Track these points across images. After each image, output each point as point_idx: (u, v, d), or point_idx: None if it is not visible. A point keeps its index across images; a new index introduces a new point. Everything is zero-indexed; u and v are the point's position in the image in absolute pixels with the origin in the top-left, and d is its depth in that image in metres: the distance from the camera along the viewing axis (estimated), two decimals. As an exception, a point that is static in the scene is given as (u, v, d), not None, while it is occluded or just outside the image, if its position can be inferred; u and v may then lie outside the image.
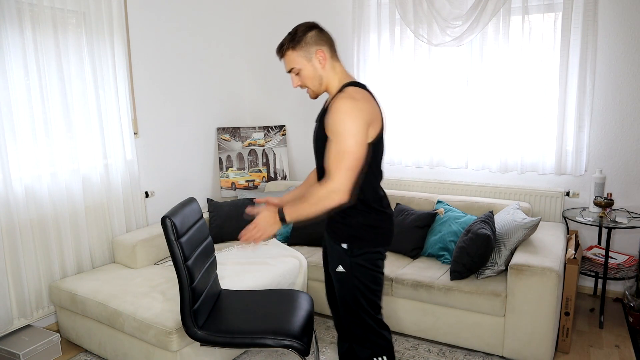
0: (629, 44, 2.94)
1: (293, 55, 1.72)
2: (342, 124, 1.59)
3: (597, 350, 2.61)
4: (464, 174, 3.55)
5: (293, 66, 1.75)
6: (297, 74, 1.76)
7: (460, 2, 3.24)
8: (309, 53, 1.71)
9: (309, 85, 1.77)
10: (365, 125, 1.62)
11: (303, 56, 1.72)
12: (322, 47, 1.72)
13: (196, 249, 2.02)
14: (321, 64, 1.73)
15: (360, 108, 1.62)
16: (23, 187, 2.63)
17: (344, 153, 1.58)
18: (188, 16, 3.70)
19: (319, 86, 1.77)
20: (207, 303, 2.04)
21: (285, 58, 1.75)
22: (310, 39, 1.71)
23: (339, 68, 1.78)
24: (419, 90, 3.51)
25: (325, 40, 1.74)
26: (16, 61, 2.57)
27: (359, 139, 1.59)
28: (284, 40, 1.74)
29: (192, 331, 1.92)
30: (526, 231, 2.56)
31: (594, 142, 3.13)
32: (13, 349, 2.48)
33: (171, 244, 1.86)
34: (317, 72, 1.74)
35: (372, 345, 1.83)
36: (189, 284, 1.88)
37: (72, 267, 2.87)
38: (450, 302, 2.56)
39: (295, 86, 1.80)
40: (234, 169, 4.05)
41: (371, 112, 1.66)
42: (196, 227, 2.08)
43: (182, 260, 1.87)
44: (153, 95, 3.46)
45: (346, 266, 1.76)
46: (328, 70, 1.75)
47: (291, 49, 1.72)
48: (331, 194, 1.59)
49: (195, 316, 1.92)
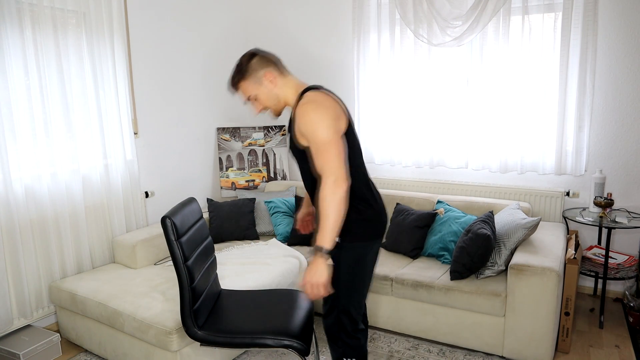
0: (629, 44, 2.94)
1: (244, 85, 1.82)
2: (312, 124, 1.65)
3: (597, 350, 2.61)
4: (464, 174, 3.55)
5: (249, 94, 1.83)
6: (255, 100, 1.84)
7: (460, 2, 3.24)
8: (258, 78, 1.80)
9: (269, 106, 1.85)
10: (334, 118, 1.67)
11: (254, 82, 1.81)
12: (268, 69, 1.81)
13: (196, 249, 2.02)
14: (272, 84, 1.81)
15: (323, 106, 1.68)
16: (23, 187, 2.63)
17: (324, 145, 1.63)
18: (188, 16, 3.70)
19: (278, 104, 1.85)
20: (207, 303, 2.04)
21: (239, 90, 1.84)
22: (255, 65, 1.80)
23: (291, 81, 1.85)
24: (419, 90, 3.51)
25: (269, 61, 1.82)
26: (16, 61, 2.57)
27: (333, 129, 1.65)
28: (232, 75, 1.83)
29: (192, 331, 1.92)
30: (526, 231, 2.56)
31: (594, 142, 3.13)
32: (13, 349, 2.48)
33: (171, 244, 1.86)
34: (271, 92, 1.82)
35: (343, 344, 1.87)
36: (189, 284, 1.88)
37: (72, 267, 2.87)
38: (450, 302, 2.56)
39: (258, 112, 1.88)
40: (234, 169, 4.05)
41: (334, 108, 1.71)
42: (196, 227, 2.08)
43: (182, 260, 1.87)
44: (153, 95, 3.46)
45: (335, 259, 1.77)
46: (281, 87, 1.82)
47: (241, 80, 1.82)
48: (333, 187, 1.61)
49: (195, 316, 1.92)
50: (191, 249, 1.96)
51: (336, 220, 1.62)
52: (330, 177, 1.61)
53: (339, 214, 1.62)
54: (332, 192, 1.61)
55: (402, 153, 3.67)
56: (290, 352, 2.07)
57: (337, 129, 1.66)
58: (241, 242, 3.40)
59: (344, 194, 1.62)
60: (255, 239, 3.46)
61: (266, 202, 3.55)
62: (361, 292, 1.88)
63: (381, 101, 3.67)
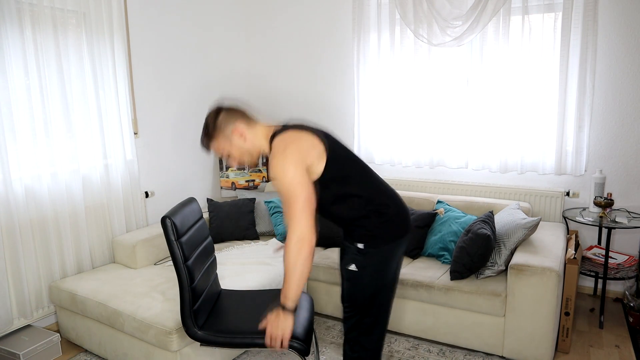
0: (629, 44, 2.94)
1: (215, 144, 1.82)
2: (279, 178, 1.65)
3: (597, 350, 2.61)
4: (464, 174, 3.55)
5: (221, 153, 1.83)
6: (229, 157, 1.85)
7: (460, 2, 3.24)
8: (227, 136, 1.79)
9: (244, 159, 1.85)
10: (300, 165, 1.66)
11: (223, 141, 1.80)
12: (235, 124, 1.79)
13: (196, 249, 2.02)
14: (242, 138, 1.80)
15: (287, 154, 1.67)
16: (23, 187, 2.63)
17: (290, 199, 1.63)
18: (188, 16, 3.70)
19: (252, 156, 1.85)
20: (207, 303, 2.04)
21: (212, 149, 1.85)
22: (221, 123, 1.79)
23: (260, 130, 1.83)
24: (419, 90, 3.51)
25: (235, 115, 1.81)
26: (16, 61, 2.57)
27: (298, 181, 1.64)
28: (202, 136, 1.83)
29: (192, 331, 1.92)
30: (526, 231, 2.56)
31: (594, 142, 3.13)
32: (13, 349, 2.48)
33: (171, 244, 1.86)
34: (242, 148, 1.81)
35: (360, 348, 1.86)
36: (189, 284, 1.88)
37: (72, 267, 2.87)
38: (450, 302, 2.55)
39: (234, 165, 1.88)
40: (234, 169, 4.05)
41: (298, 150, 1.69)
42: (196, 227, 2.08)
43: (182, 260, 1.87)
44: (153, 95, 3.46)
45: (359, 264, 1.78)
46: (251, 140, 1.82)
47: (211, 141, 1.81)
48: (298, 244, 1.62)
49: (195, 316, 1.92)
50: (191, 249, 1.96)
51: (300, 278, 1.64)
52: (294, 236, 1.62)
53: (302, 274, 1.64)
54: (296, 250, 1.62)
55: (402, 153, 3.67)
56: (291, 352, 2.07)
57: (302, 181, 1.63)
58: (241, 242, 3.39)
59: (308, 253, 1.63)
60: (255, 239, 3.46)
61: (266, 202, 3.55)
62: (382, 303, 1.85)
63: (381, 101, 3.66)
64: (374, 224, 1.77)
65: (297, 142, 1.71)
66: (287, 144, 1.70)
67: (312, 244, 1.63)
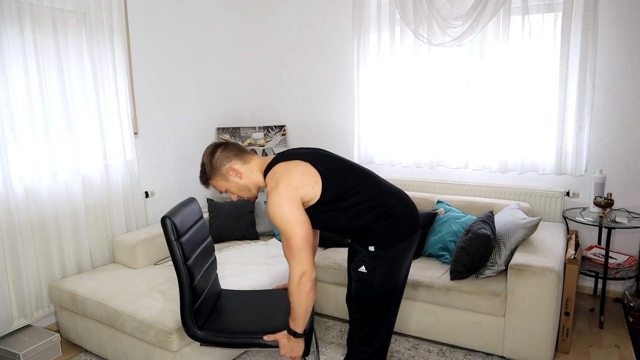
0: (629, 44, 2.94)
1: (214, 182, 1.88)
2: (275, 219, 1.69)
3: (597, 350, 2.61)
4: (464, 174, 3.55)
5: (221, 190, 1.90)
6: (230, 193, 1.91)
7: (460, 2, 3.24)
8: (223, 174, 1.85)
9: (243, 195, 1.91)
10: (294, 201, 1.69)
11: (221, 179, 1.86)
12: (231, 164, 1.84)
13: (196, 249, 2.02)
14: (238, 176, 1.85)
15: (280, 191, 1.70)
16: (23, 187, 2.63)
17: (289, 239, 1.69)
18: (188, 16, 3.70)
19: (251, 192, 1.90)
20: (207, 303, 2.04)
21: (212, 187, 1.91)
22: (217, 163, 1.84)
23: (255, 165, 1.88)
24: (419, 90, 3.51)
25: (230, 153, 1.86)
26: (16, 61, 2.57)
27: (294, 220, 1.68)
28: (200, 175, 1.90)
29: (192, 331, 1.92)
30: (526, 231, 2.56)
31: (594, 142, 3.13)
32: (13, 349, 2.48)
33: (171, 244, 1.86)
34: (239, 185, 1.87)
35: (366, 349, 1.88)
36: (189, 284, 1.88)
37: (72, 267, 2.87)
38: (450, 302, 2.55)
39: (237, 199, 1.94)
40: (234, 169, 4.05)
41: (292, 180, 1.72)
42: (196, 227, 2.08)
43: (182, 260, 1.87)
44: (153, 95, 3.46)
45: (369, 267, 1.79)
46: (248, 176, 1.86)
47: (209, 180, 1.88)
48: (301, 280, 1.69)
49: (195, 316, 1.92)
50: (191, 249, 1.96)
51: (306, 311, 1.73)
52: (296, 274, 1.68)
53: (307, 307, 1.72)
54: (298, 290, 1.69)
55: (402, 153, 3.67)
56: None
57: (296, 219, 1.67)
58: (241, 242, 3.40)
59: (310, 288, 1.70)
60: (255, 239, 3.46)
61: (266, 202, 3.55)
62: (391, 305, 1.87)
63: (381, 101, 3.66)
64: (383, 226, 1.77)
65: (287, 174, 1.74)
66: (278, 180, 1.73)
67: (312, 278, 1.70)
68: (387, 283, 1.81)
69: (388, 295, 1.83)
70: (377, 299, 1.82)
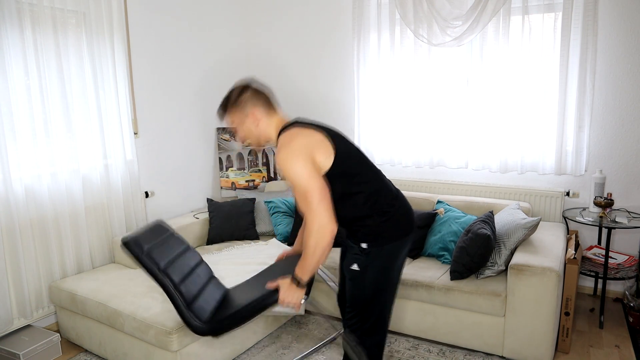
0: (629, 44, 2.94)
1: (231, 115, 1.87)
2: (288, 172, 1.68)
3: (597, 350, 2.61)
4: (464, 174, 3.55)
5: (232, 125, 1.89)
6: (236, 131, 1.89)
7: (460, 2, 3.24)
8: (243, 115, 1.84)
9: (250, 140, 1.89)
10: (307, 159, 1.68)
11: (238, 117, 1.85)
12: (254, 109, 1.83)
13: (171, 254, 2.01)
14: (254, 124, 1.84)
15: (293, 149, 1.69)
16: (23, 187, 2.63)
17: (305, 193, 1.65)
18: (188, 16, 3.70)
19: (259, 140, 1.89)
20: (207, 299, 2.00)
21: (225, 118, 1.90)
22: (243, 102, 1.83)
23: (274, 121, 1.86)
24: (419, 90, 3.51)
25: (258, 99, 1.84)
26: (16, 61, 2.57)
27: (308, 174, 1.66)
28: (222, 102, 1.87)
29: (194, 326, 1.87)
30: (526, 231, 2.56)
31: (594, 142, 3.13)
32: (13, 349, 2.48)
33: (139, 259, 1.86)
34: (252, 132, 1.86)
35: (364, 348, 1.86)
36: (173, 286, 1.87)
37: (72, 267, 2.87)
38: (450, 302, 2.56)
39: (240, 141, 1.93)
40: (234, 169, 4.05)
41: (305, 145, 1.71)
42: (164, 238, 2.07)
43: (157, 268, 1.87)
44: (153, 95, 3.46)
45: (361, 265, 1.79)
46: (263, 128, 1.85)
47: (227, 111, 1.86)
48: (319, 232, 1.65)
49: (197, 313, 1.89)
50: (164, 256, 1.95)
51: (318, 263, 1.70)
52: (315, 224, 1.65)
53: (320, 258, 1.69)
54: (315, 241, 1.66)
55: (402, 153, 3.67)
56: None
57: (311, 174, 1.66)
58: (241, 242, 3.39)
59: (328, 242, 1.66)
60: (255, 239, 3.46)
61: (266, 202, 3.55)
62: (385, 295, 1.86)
63: (381, 101, 3.66)
64: (377, 223, 1.77)
65: (302, 136, 1.73)
66: (293, 138, 1.73)
67: (333, 232, 1.66)
68: (379, 282, 1.81)
69: (381, 294, 1.83)
70: (370, 298, 1.81)
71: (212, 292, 2.07)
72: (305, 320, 2.99)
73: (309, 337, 2.79)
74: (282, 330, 2.87)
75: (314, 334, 2.82)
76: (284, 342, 2.74)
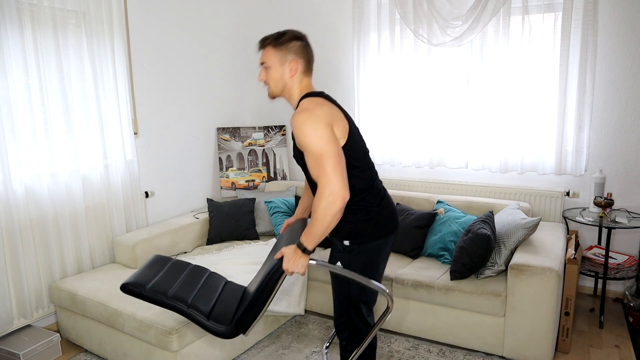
0: (629, 44, 2.94)
1: (270, 52, 1.80)
2: (306, 134, 1.64)
3: (597, 350, 2.61)
4: (464, 174, 3.55)
5: (266, 60, 1.82)
6: (265, 70, 1.84)
7: (460, 2, 3.24)
8: (285, 58, 1.79)
9: (272, 85, 1.84)
10: (328, 126, 1.66)
11: (278, 58, 1.79)
12: (298, 59, 1.80)
13: (176, 280, 1.98)
14: (290, 73, 1.80)
15: (315, 115, 1.67)
16: (23, 187, 2.63)
17: (321, 157, 1.62)
18: (188, 16, 3.70)
19: (280, 90, 1.85)
20: (226, 303, 1.96)
21: (264, 52, 1.83)
22: (291, 48, 1.78)
23: (305, 83, 1.84)
24: (419, 90, 3.51)
25: (304, 54, 1.81)
26: (16, 61, 2.57)
27: (327, 138, 1.63)
28: (269, 36, 1.81)
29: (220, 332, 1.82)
30: (526, 231, 2.56)
31: (594, 142, 3.13)
32: (13, 349, 2.48)
33: (142, 297, 1.84)
34: (283, 78, 1.81)
35: (354, 347, 1.88)
36: (186, 306, 1.84)
37: (72, 267, 2.87)
38: (450, 302, 2.55)
39: (260, 80, 1.88)
40: (234, 169, 4.05)
41: (329, 114, 1.70)
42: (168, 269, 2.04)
43: (164, 297, 1.84)
44: (153, 95, 3.46)
45: (344, 262, 1.78)
46: (294, 81, 1.82)
47: (271, 46, 1.80)
48: (330, 198, 1.60)
49: (217, 320, 1.84)
50: (170, 284, 1.93)
51: (325, 230, 1.65)
52: (325, 191, 1.60)
53: (328, 226, 1.64)
54: (326, 207, 1.61)
55: (402, 153, 3.67)
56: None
57: (331, 139, 1.64)
58: (241, 242, 3.40)
59: (338, 209, 1.62)
60: (255, 239, 3.46)
61: (266, 202, 3.55)
62: (369, 294, 1.87)
63: (381, 101, 3.66)
64: (359, 221, 1.77)
65: (327, 107, 1.72)
66: (318, 105, 1.71)
67: (345, 200, 1.61)
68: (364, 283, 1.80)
69: (366, 291, 1.83)
70: (356, 295, 1.82)
71: (230, 296, 2.02)
72: (305, 320, 2.99)
73: (309, 337, 2.79)
74: (282, 330, 2.87)
75: (314, 334, 2.82)
76: (284, 342, 2.74)
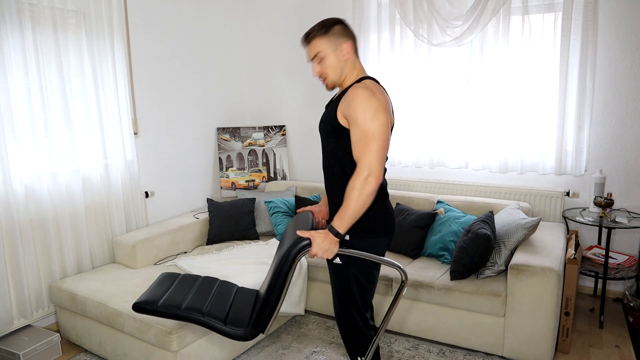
0: (629, 44, 2.94)
1: (320, 42, 1.75)
2: (362, 109, 1.62)
3: (597, 350, 2.61)
4: (464, 174, 3.55)
5: (318, 51, 1.76)
6: (319, 62, 1.78)
7: (460, 2, 3.24)
8: (336, 44, 1.75)
9: (330, 73, 1.79)
10: (386, 112, 1.66)
11: (330, 45, 1.75)
12: (347, 40, 1.77)
13: (188, 293, 1.98)
14: (345, 57, 1.77)
15: (377, 97, 1.66)
16: (23, 187, 2.63)
17: (369, 136, 1.61)
18: (188, 16, 3.70)
19: (339, 77, 1.80)
20: (241, 307, 1.96)
21: (311, 45, 1.78)
22: (337, 31, 1.76)
23: (358, 64, 1.82)
24: (419, 90, 3.51)
25: (351, 34, 1.79)
26: (16, 61, 2.57)
27: (382, 121, 1.63)
28: (313, 28, 1.77)
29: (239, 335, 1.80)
30: (526, 231, 2.56)
31: (594, 142, 3.13)
32: (13, 349, 2.48)
33: (155, 312, 1.84)
34: (339, 63, 1.77)
35: (356, 344, 1.89)
36: (201, 314, 1.84)
37: (72, 267, 2.87)
38: (450, 302, 2.55)
39: (315, 74, 1.82)
40: (234, 169, 4.05)
41: (387, 103, 1.71)
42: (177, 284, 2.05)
43: (177, 310, 1.84)
44: (153, 95, 3.46)
45: (343, 258, 1.79)
46: (349, 64, 1.79)
47: (319, 37, 1.75)
48: (364, 182, 1.60)
49: (234, 323, 1.84)
50: (181, 297, 1.93)
51: (358, 213, 1.64)
52: (364, 171, 1.60)
53: (361, 208, 1.63)
54: (361, 186, 1.60)
55: (402, 153, 3.67)
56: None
57: (386, 123, 1.64)
58: (241, 242, 3.40)
59: (372, 191, 1.61)
60: (255, 239, 3.46)
61: (266, 202, 3.55)
62: (368, 290, 1.88)
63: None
64: (364, 216, 1.75)
65: (385, 96, 1.72)
66: (380, 91, 1.70)
67: (379, 183, 1.61)
68: (361, 275, 1.81)
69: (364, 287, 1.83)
70: (357, 291, 1.82)
71: (243, 300, 2.02)
72: (305, 320, 2.99)
73: (309, 337, 2.79)
74: (282, 330, 2.87)
75: (314, 334, 2.82)
76: (284, 342, 2.74)
